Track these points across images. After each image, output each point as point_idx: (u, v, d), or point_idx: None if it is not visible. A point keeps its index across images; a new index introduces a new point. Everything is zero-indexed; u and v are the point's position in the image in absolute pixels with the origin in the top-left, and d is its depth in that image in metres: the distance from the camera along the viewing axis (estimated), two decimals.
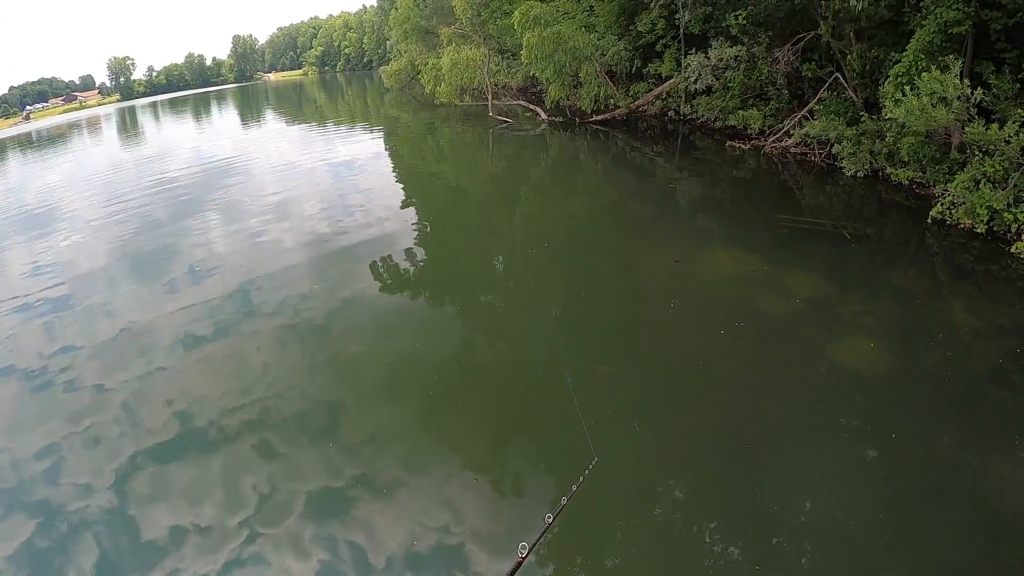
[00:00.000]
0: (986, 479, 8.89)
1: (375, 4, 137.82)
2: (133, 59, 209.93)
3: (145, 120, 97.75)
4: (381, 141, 45.86)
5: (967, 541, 7.83)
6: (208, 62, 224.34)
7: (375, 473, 10.03)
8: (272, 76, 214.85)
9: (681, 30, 33.19)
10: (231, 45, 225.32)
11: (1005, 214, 15.55)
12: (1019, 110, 16.07)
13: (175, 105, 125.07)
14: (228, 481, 10.21)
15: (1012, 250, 15.00)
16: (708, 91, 32.05)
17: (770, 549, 8.13)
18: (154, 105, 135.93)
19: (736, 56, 29.46)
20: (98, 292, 18.96)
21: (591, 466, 6.16)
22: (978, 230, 15.92)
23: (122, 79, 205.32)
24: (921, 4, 18.56)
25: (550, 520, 5.13)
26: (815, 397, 11.02)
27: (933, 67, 17.02)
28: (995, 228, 15.86)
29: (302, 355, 14.03)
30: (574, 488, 5.57)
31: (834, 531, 8.26)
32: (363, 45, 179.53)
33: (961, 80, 16.80)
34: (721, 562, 8.06)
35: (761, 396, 11.25)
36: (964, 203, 16.36)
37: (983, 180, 16.28)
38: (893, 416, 10.17)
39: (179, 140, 60.13)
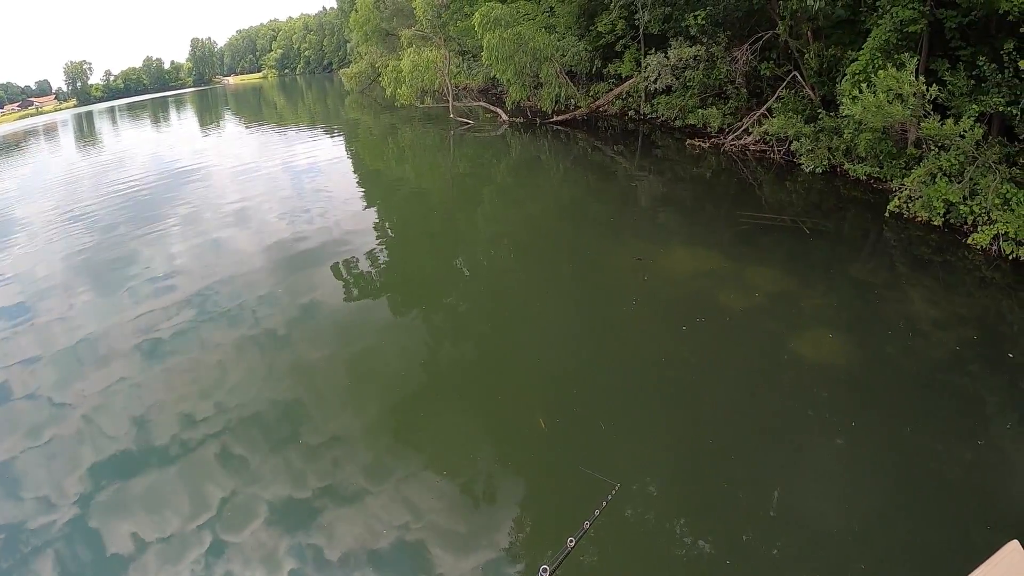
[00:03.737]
0: (949, 465, 8.94)
1: (335, 6, 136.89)
2: (90, 63, 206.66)
3: (103, 126, 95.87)
4: (342, 144, 45.40)
5: (933, 526, 7.83)
6: (166, 66, 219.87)
7: (339, 480, 9.78)
8: (231, 79, 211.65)
9: (641, 30, 33.30)
10: (189, 48, 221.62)
11: (961, 207, 15.79)
12: (973, 105, 16.25)
13: (133, 110, 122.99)
14: (191, 491, 9.90)
15: (968, 241, 15.26)
16: (668, 90, 32.16)
17: (738, 540, 8.07)
18: (112, 110, 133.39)
19: (695, 56, 29.54)
20: (56, 301, 18.38)
21: (614, 491, 6.06)
22: (935, 223, 16.18)
23: (79, 84, 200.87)
24: (877, 3, 18.77)
25: (572, 544, 5.05)
26: (777, 390, 11.02)
27: (889, 65, 17.24)
28: (951, 220, 16.12)
29: (263, 362, 13.72)
30: (596, 513, 5.48)
31: (800, 521, 8.23)
32: (323, 47, 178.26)
33: (916, 77, 17.00)
34: (693, 553, 8.00)
35: (724, 390, 11.22)
36: (921, 197, 16.60)
37: (939, 174, 16.54)
38: (855, 406, 10.21)
39: (137, 146, 59.03)
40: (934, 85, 16.85)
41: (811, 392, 10.79)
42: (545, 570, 4.74)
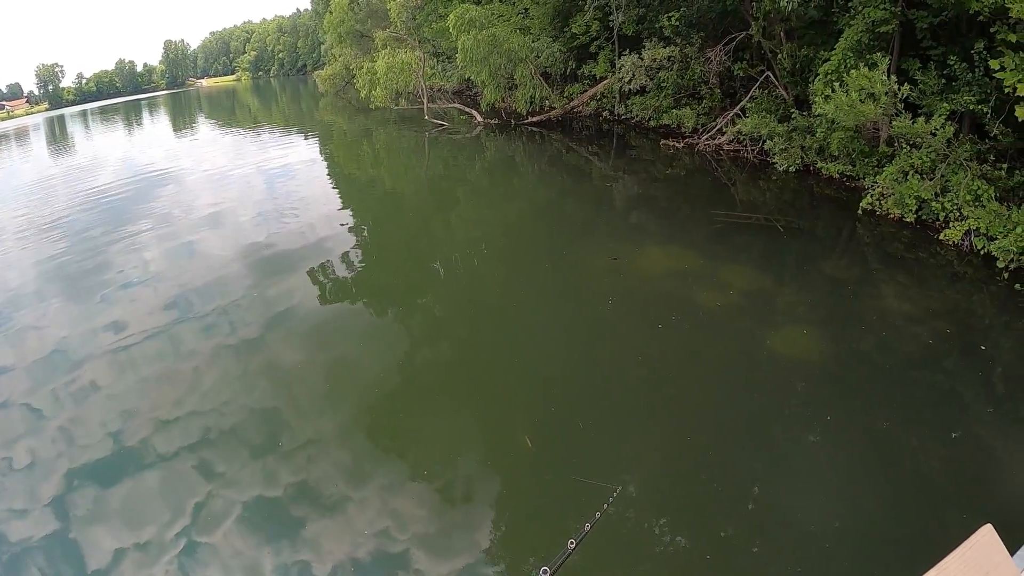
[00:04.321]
0: (925, 456, 9.02)
1: (309, 8, 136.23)
2: (62, 66, 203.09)
3: (75, 130, 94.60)
4: (316, 147, 45.12)
5: (910, 515, 7.88)
6: (139, 68, 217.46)
7: (317, 485, 9.61)
8: (204, 82, 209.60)
9: (615, 31, 33.40)
10: (162, 50, 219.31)
11: (933, 203, 15.94)
12: (944, 104, 16.44)
13: (106, 114, 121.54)
14: (168, 499, 9.68)
15: (940, 237, 15.37)
16: (642, 91, 32.20)
17: (717, 536, 8.06)
18: (84, 114, 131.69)
19: (669, 56, 29.66)
20: (28, 308, 17.95)
21: (615, 494, 6.01)
22: (907, 219, 16.32)
23: (51, 87, 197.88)
24: (849, 4, 18.97)
25: (573, 546, 4.99)
26: (754, 386, 11.01)
27: (861, 64, 17.38)
28: (923, 217, 16.25)
29: (238, 367, 13.50)
30: (597, 515, 5.42)
31: (780, 515, 8.24)
32: (297, 49, 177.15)
33: (888, 76, 17.16)
34: (679, 551, 7.97)
35: (700, 388, 11.24)
36: (893, 194, 16.73)
37: (911, 172, 16.69)
38: (831, 400, 10.29)
39: (110, 150, 58.27)
40: (905, 84, 17.03)
41: (788, 387, 10.81)
42: (545, 571, 4.68)
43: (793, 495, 8.54)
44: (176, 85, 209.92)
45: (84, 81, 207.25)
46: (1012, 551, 4.49)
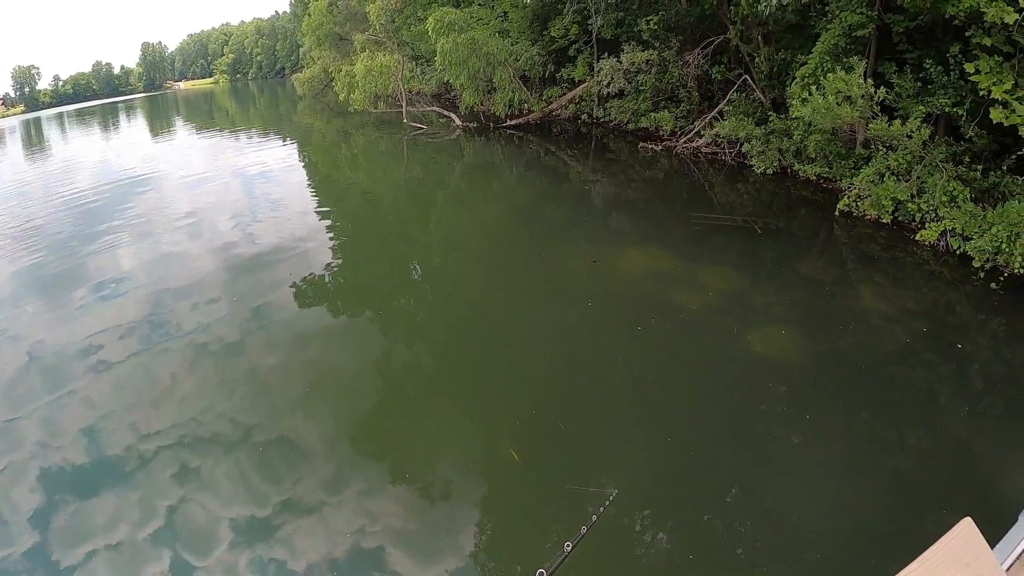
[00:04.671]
0: (904, 452, 9.08)
1: (288, 10, 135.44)
2: (39, 68, 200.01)
3: (52, 133, 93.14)
4: (295, 150, 44.80)
5: (890, 511, 7.91)
6: (116, 71, 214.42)
7: (298, 491, 9.49)
8: (182, 85, 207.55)
9: (593, 35, 33.52)
10: (140, 53, 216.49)
11: (909, 204, 16.07)
12: (920, 107, 16.59)
13: (82, 116, 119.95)
14: (146, 505, 9.50)
15: (916, 238, 15.53)
16: (620, 94, 32.30)
17: (702, 533, 8.08)
18: (61, 116, 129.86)
19: (647, 60, 29.79)
20: (2, 314, 17.68)
21: (612, 497, 5.97)
22: (883, 220, 16.45)
23: (27, 89, 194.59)
24: (826, 8, 19.14)
25: (570, 548, 4.95)
26: (733, 386, 11.02)
27: (838, 68, 17.50)
28: (900, 218, 16.40)
29: (217, 372, 13.29)
30: (594, 518, 5.38)
31: (761, 513, 8.23)
32: (275, 52, 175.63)
33: (865, 80, 17.30)
34: (657, 551, 7.95)
35: (681, 389, 11.24)
36: (870, 195, 16.85)
37: (887, 173, 16.82)
38: (810, 399, 10.33)
39: (87, 154, 57.40)
40: (882, 87, 17.19)
41: (767, 387, 10.81)
42: (542, 574, 4.63)
43: (775, 493, 8.56)
44: (153, 88, 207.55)
45: (61, 83, 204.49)
46: (992, 543, 4.52)
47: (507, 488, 9.34)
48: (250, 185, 32.13)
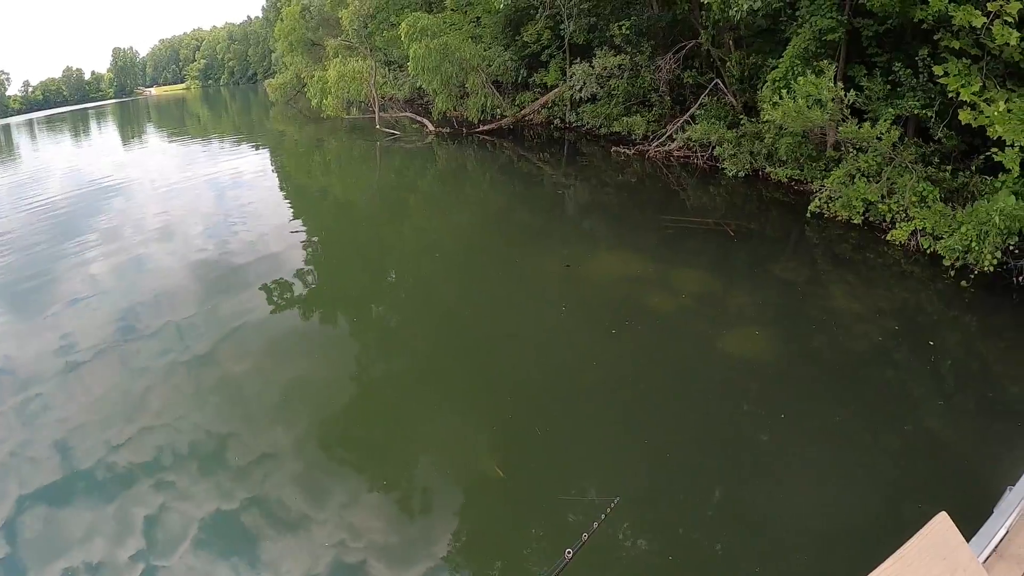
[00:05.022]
0: (878, 450, 9.07)
1: (260, 16, 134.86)
2: (8, 74, 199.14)
3: (21, 140, 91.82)
4: (267, 157, 44.46)
5: (866, 508, 7.89)
6: (87, 76, 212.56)
7: (272, 500, 9.30)
8: (154, 91, 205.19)
9: (566, 40, 33.54)
10: (111, 58, 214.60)
11: (880, 205, 16.19)
12: (890, 109, 16.77)
13: (52, 123, 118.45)
14: (121, 519, 9.29)
15: (887, 238, 15.60)
16: (593, 99, 32.23)
17: (681, 536, 8.05)
18: (30, 123, 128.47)
19: (620, 65, 29.80)
20: None
21: (613, 504, 5.90)
22: (855, 221, 16.52)
23: None
24: (797, 13, 19.26)
25: (570, 555, 4.88)
26: (708, 387, 11.04)
27: (808, 72, 17.57)
28: (871, 219, 16.49)
29: (191, 383, 13.02)
30: (595, 525, 5.31)
31: (737, 513, 8.22)
32: (247, 57, 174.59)
33: (835, 83, 17.37)
34: (632, 554, 7.88)
35: (655, 390, 11.19)
36: (840, 197, 16.92)
37: (858, 175, 16.94)
38: (784, 399, 10.31)
39: (57, 161, 56.53)
40: (852, 90, 17.27)
41: (741, 388, 10.84)
42: None
43: (750, 493, 8.55)
44: (124, 94, 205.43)
45: (31, 89, 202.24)
46: (968, 537, 4.53)
47: (489, 498, 9.23)
48: (223, 193, 31.78)
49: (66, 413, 12.35)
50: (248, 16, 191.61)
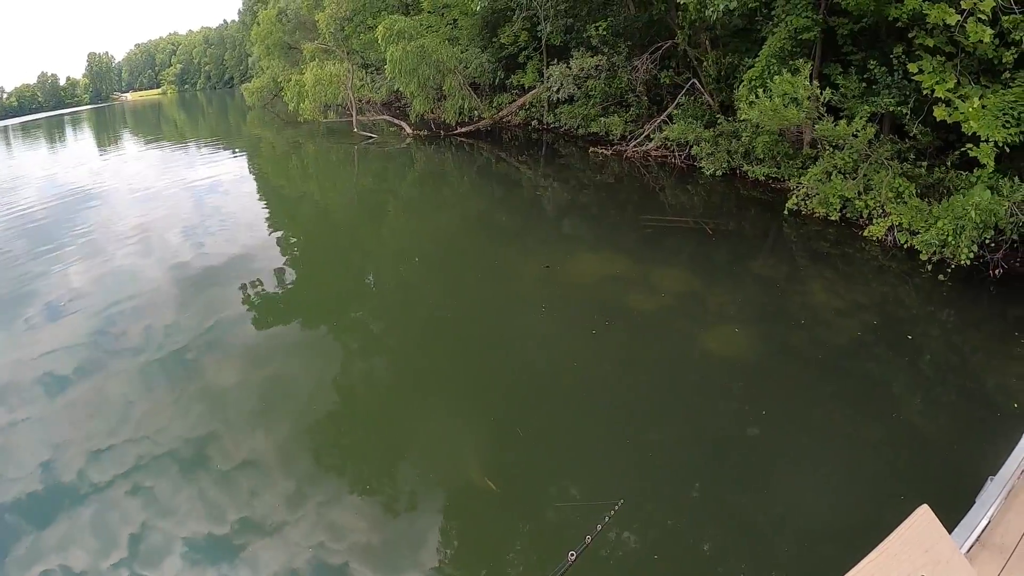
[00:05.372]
0: (860, 443, 9.11)
1: (236, 19, 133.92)
2: None
3: None
4: (245, 161, 44.14)
5: (849, 502, 7.90)
6: (62, 82, 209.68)
7: (256, 507, 9.19)
8: (130, 96, 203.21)
9: (543, 41, 33.61)
10: (86, 63, 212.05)
11: (856, 201, 16.31)
12: (865, 107, 16.93)
13: (27, 130, 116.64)
14: (104, 530, 9.09)
15: (865, 234, 15.75)
16: (570, 100, 32.31)
17: (667, 531, 8.03)
18: (5, 130, 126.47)
19: (597, 65, 29.87)
20: None
21: (617, 507, 5.86)
22: (832, 218, 16.62)
23: None
24: (772, 13, 19.36)
25: (573, 557, 4.85)
26: (689, 385, 11.04)
27: (784, 70, 17.68)
28: (848, 215, 16.63)
29: (171, 390, 12.76)
30: (599, 527, 5.27)
31: (723, 510, 8.21)
32: (224, 62, 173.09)
33: (811, 81, 17.51)
34: (617, 552, 7.83)
35: (637, 389, 11.13)
36: (818, 194, 17.03)
37: (834, 172, 17.07)
38: (766, 395, 10.32)
39: (32, 169, 55.85)
40: (827, 89, 17.47)
41: (723, 385, 10.85)
42: None
43: (732, 489, 8.53)
44: (100, 99, 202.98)
45: (5, 96, 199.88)
46: (951, 527, 4.54)
47: (478, 503, 9.12)
48: (201, 198, 31.47)
49: (45, 423, 12.13)
50: (224, 20, 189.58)
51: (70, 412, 12.49)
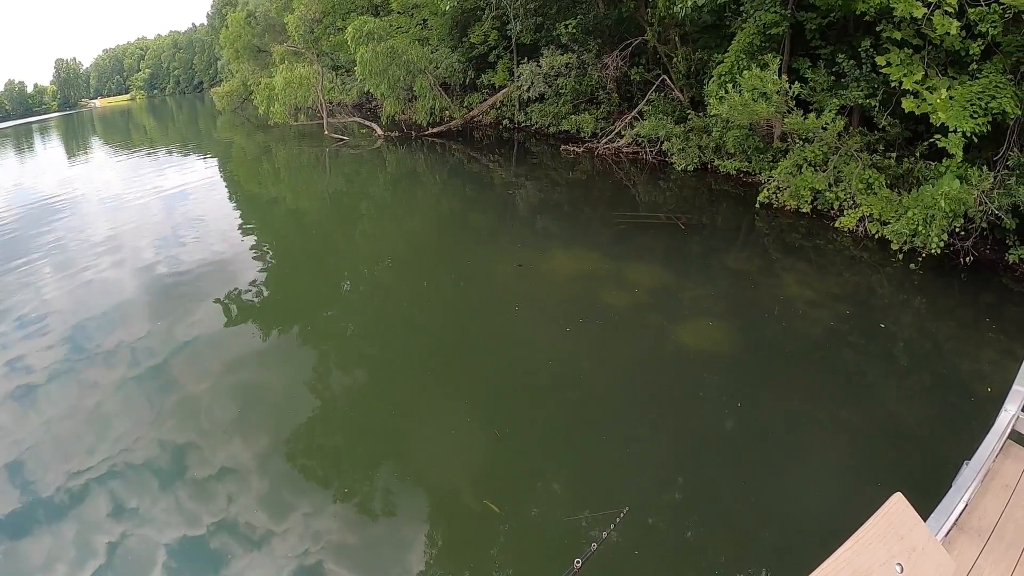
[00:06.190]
0: (836, 432, 9.13)
1: (205, 23, 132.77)
2: None
3: None
4: (215, 167, 43.64)
5: (826, 490, 7.88)
6: (30, 89, 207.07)
7: (236, 517, 9.01)
8: (98, 103, 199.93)
9: (513, 40, 33.61)
10: (54, 70, 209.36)
11: (827, 193, 16.44)
12: (834, 100, 17.11)
13: None
14: (83, 544, 8.90)
15: (836, 225, 15.87)
16: (541, 98, 32.39)
17: (647, 526, 7.92)
18: None
19: (567, 64, 29.97)
20: None
21: (622, 514, 5.79)
22: (803, 210, 16.78)
23: None
24: (741, 8, 19.47)
25: (579, 565, 4.79)
26: (665, 379, 11.00)
27: (753, 65, 17.83)
28: (819, 207, 16.76)
29: (146, 402, 12.47)
30: (604, 535, 5.22)
31: (702, 504, 8.18)
32: (193, 66, 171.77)
33: (780, 76, 17.69)
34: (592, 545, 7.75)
35: (613, 386, 11.11)
36: (788, 187, 17.15)
37: (805, 165, 17.20)
38: (741, 387, 10.29)
39: (0, 178, 55.56)
40: (796, 83, 17.62)
41: (699, 379, 10.79)
42: None
43: (709, 481, 8.50)
44: (69, 106, 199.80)
45: None
46: (926, 514, 4.52)
47: (455, 508, 9.03)
48: (171, 205, 31.03)
49: (18, 437, 11.81)
50: (193, 23, 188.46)
51: (43, 424, 12.17)
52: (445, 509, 8.94)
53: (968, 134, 13.34)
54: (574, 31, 29.00)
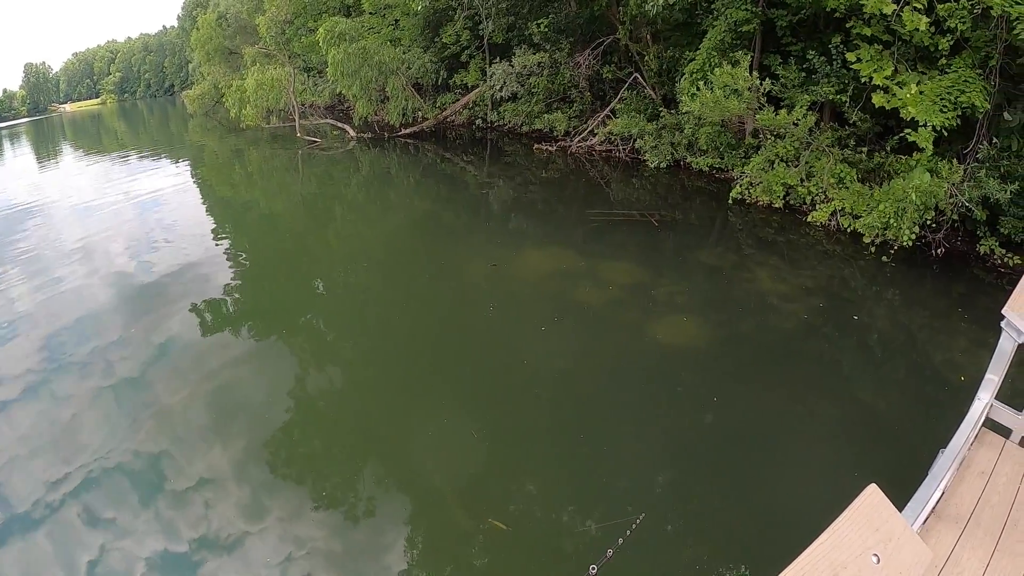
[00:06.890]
0: (811, 423, 9.18)
1: (176, 25, 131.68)
2: None
3: None
4: (187, 171, 43.06)
5: (804, 482, 7.88)
6: None
7: (215, 525, 8.87)
8: (68, 107, 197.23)
9: (485, 40, 33.55)
10: (23, 74, 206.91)
11: (799, 188, 16.55)
12: (805, 96, 17.23)
13: None
14: (61, 556, 8.76)
15: (808, 219, 16.02)
16: (513, 98, 32.40)
17: (625, 526, 7.87)
18: None
19: (539, 63, 29.99)
20: None
21: (638, 520, 5.73)
22: (776, 205, 16.89)
23: None
24: (712, 6, 19.59)
25: (594, 571, 4.74)
26: (641, 376, 10.96)
27: (725, 63, 17.93)
28: (791, 202, 16.87)
29: (121, 411, 12.26)
30: (620, 541, 5.17)
31: (678, 500, 8.15)
32: (164, 69, 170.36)
33: (751, 73, 17.75)
34: (576, 547, 7.70)
35: (589, 383, 11.08)
36: (761, 182, 17.27)
37: (777, 160, 17.31)
38: (717, 382, 10.36)
39: None
40: (767, 79, 17.74)
41: (674, 375, 10.81)
42: None
43: (688, 476, 8.50)
44: (39, 111, 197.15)
45: None
46: (904, 503, 4.51)
47: (438, 511, 8.94)
48: (144, 210, 30.61)
49: None
50: (164, 26, 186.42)
51: (18, 441, 11.84)
52: (426, 511, 8.86)
53: (938, 128, 13.48)
54: (546, 30, 28.97)
